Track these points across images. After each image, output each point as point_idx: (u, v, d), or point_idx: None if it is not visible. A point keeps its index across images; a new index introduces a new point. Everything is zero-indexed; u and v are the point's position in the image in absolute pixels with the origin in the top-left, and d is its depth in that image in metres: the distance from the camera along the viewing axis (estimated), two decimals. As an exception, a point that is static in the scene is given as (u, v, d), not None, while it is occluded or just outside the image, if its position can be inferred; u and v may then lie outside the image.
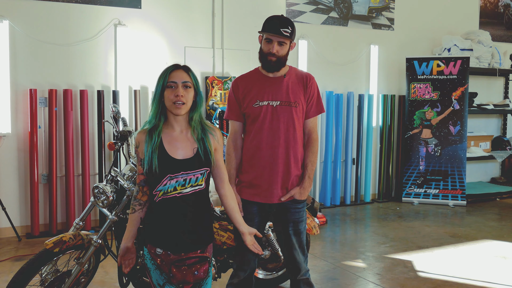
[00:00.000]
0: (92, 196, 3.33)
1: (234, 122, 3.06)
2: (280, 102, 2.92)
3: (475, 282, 4.35)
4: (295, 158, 2.98)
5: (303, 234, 3.06)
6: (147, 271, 2.44)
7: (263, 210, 3.03)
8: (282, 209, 3.01)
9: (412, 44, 7.92)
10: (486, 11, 8.72)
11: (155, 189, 2.34)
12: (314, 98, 3.00)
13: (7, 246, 5.19)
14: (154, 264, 2.39)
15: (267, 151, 2.94)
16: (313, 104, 3.00)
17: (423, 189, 7.52)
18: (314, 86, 3.02)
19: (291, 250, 3.03)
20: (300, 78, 2.99)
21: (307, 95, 2.97)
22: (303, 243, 3.07)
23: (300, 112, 2.95)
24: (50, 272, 3.22)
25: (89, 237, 3.24)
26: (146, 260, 2.43)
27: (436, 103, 7.43)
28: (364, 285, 4.30)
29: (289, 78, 2.98)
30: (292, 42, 2.94)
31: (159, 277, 2.39)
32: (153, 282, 2.42)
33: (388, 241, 5.54)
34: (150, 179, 2.37)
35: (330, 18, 7.22)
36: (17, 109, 5.48)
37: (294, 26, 2.93)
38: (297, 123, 2.95)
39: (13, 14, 5.41)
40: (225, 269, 3.76)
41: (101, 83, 5.84)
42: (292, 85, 2.95)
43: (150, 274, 2.43)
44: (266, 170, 2.96)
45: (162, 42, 6.13)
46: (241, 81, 3.03)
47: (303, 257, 3.06)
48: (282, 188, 2.97)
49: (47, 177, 5.58)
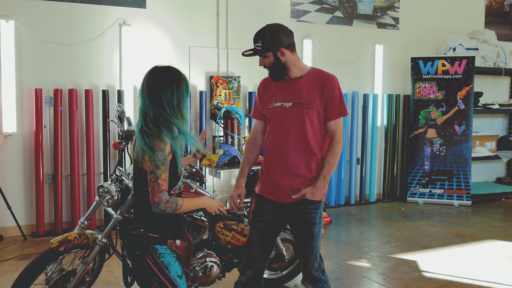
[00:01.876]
0: (97, 196, 3.34)
1: (255, 121, 3.17)
2: (292, 103, 2.92)
3: (480, 282, 4.34)
4: (307, 160, 2.92)
5: (315, 239, 2.95)
6: (164, 268, 2.48)
7: (277, 209, 3.01)
8: (294, 209, 2.96)
9: (417, 44, 7.90)
10: (492, 10, 8.69)
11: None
12: (334, 100, 2.89)
13: (13, 245, 5.21)
14: (174, 257, 2.53)
15: (278, 151, 2.96)
16: (334, 106, 2.90)
17: (428, 189, 7.50)
18: (333, 88, 2.90)
19: (302, 252, 3.00)
20: (318, 80, 2.92)
21: (325, 96, 2.89)
22: (315, 247, 2.95)
23: (314, 114, 2.88)
24: (55, 271, 3.24)
25: (94, 236, 3.25)
26: (164, 257, 2.49)
27: (441, 103, 7.41)
28: (368, 285, 4.30)
29: (306, 80, 2.93)
30: (280, 50, 2.87)
31: (179, 268, 2.53)
32: (172, 276, 2.48)
33: (393, 241, 5.53)
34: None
35: (335, 18, 7.21)
36: (22, 109, 5.50)
37: (272, 36, 2.87)
38: (309, 125, 2.89)
39: (19, 14, 5.43)
40: (230, 268, 3.76)
41: (106, 83, 5.85)
42: (308, 86, 2.92)
43: (168, 270, 2.48)
44: (277, 171, 2.97)
45: (167, 41, 6.14)
46: (264, 82, 3.11)
47: (314, 261, 2.97)
48: (292, 189, 2.93)
49: (52, 177, 5.60)
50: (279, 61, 2.89)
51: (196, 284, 3.42)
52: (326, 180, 2.89)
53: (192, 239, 3.46)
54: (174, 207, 2.42)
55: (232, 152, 5.86)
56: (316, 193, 2.87)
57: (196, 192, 3.43)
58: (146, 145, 2.36)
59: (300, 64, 2.97)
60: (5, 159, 5.46)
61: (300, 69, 2.96)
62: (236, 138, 5.98)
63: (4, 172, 5.46)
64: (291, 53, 2.92)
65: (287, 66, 2.92)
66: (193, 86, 6.29)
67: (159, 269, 2.48)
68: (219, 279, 3.56)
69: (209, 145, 6.38)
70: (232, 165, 5.94)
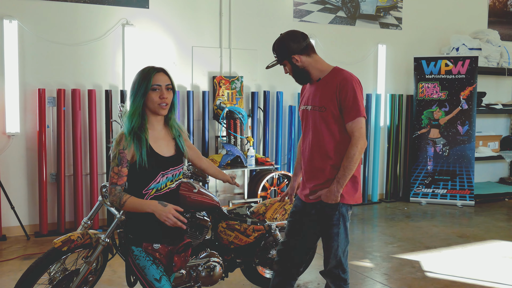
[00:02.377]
0: (100, 195, 3.35)
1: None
2: (312, 106, 2.99)
3: (483, 282, 4.33)
4: (322, 164, 2.95)
5: (334, 239, 2.97)
6: (140, 270, 2.50)
7: (304, 207, 3.10)
8: (316, 209, 3.02)
9: (420, 44, 7.89)
10: (495, 10, 8.67)
11: (147, 187, 2.49)
12: (347, 101, 2.85)
13: (16, 244, 5.22)
14: (149, 260, 2.50)
15: (303, 153, 3.10)
16: (347, 107, 2.86)
17: (431, 189, 7.49)
18: (347, 90, 2.85)
19: (324, 249, 3.05)
20: (334, 82, 2.90)
21: (338, 98, 2.87)
22: (333, 247, 2.98)
23: (329, 116, 2.89)
24: (58, 271, 3.24)
25: (97, 236, 3.25)
26: (139, 260, 2.51)
27: (444, 103, 7.40)
28: (371, 285, 4.29)
29: (324, 82, 2.95)
30: (293, 57, 2.93)
31: (156, 272, 2.49)
32: (149, 279, 2.48)
33: (396, 241, 5.52)
34: (139, 178, 2.48)
35: (338, 18, 7.21)
36: (25, 109, 5.51)
37: (282, 46, 2.95)
38: (325, 128, 2.91)
39: (22, 14, 5.45)
40: (232, 268, 3.76)
41: (109, 83, 5.86)
42: (324, 89, 2.94)
43: (144, 272, 2.50)
44: (303, 172, 3.12)
45: (170, 42, 6.15)
46: (304, 86, 3.20)
47: (333, 259, 3.00)
48: (310, 190, 3.01)
49: (55, 176, 5.61)
50: (296, 67, 2.98)
51: (199, 284, 3.42)
52: (340, 184, 2.88)
53: (195, 239, 3.46)
54: (118, 201, 2.43)
55: (234, 152, 5.86)
56: (330, 196, 2.90)
57: (199, 192, 3.44)
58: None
59: (319, 65, 2.99)
60: (9, 159, 5.47)
61: (320, 71, 2.99)
62: (239, 138, 5.98)
63: (8, 172, 5.47)
64: (308, 57, 2.97)
65: (307, 70, 2.98)
66: (195, 86, 6.29)
67: (138, 271, 2.52)
68: (222, 279, 3.56)
69: (212, 145, 6.39)
70: (235, 165, 5.94)
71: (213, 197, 3.58)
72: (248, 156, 5.96)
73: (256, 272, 3.97)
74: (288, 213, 3.87)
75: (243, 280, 4.11)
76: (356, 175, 2.97)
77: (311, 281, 4.25)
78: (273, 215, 3.83)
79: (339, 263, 3.01)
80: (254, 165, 6.02)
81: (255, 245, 3.74)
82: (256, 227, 3.71)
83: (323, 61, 3.03)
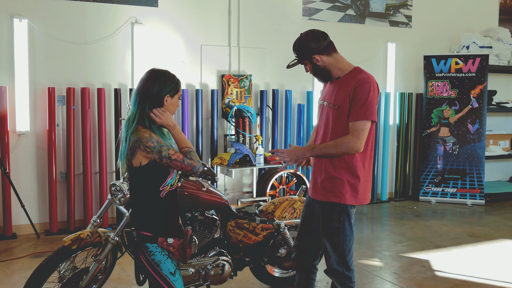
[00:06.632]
0: (109, 194, 3.36)
1: None
2: (327, 103, 3.01)
3: (494, 282, 4.30)
4: (330, 160, 2.93)
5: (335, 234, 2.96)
6: (155, 265, 2.55)
7: (311, 203, 3.12)
8: (317, 204, 3.03)
9: (430, 42, 7.84)
10: (506, 8, 8.59)
11: (163, 183, 2.56)
12: (357, 101, 2.83)
13: (26, 243, 5.25)
14: (165, 255, 2.58)
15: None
16: (355, 107, 2.84)
17: (440, 188, 7.45)
18: (361, 91, 2.83)
19: (324, 245, 3.03)
20: (352, 82, 2.90)
21: (351, 97, 2.87)
22: (333, 242, 2.96)
23: (341, 115, 2.90)
24: (68, 269, 3.26)
25: (106, 234, 3.27)
26: (155, 255, 2.56)
27: (455, 101, 7.34)
28: (381, 284, 4.28)
29: (343, 81, 2.96)
30: (313, 57, 2.95)
31: (171, 265, 2.58)
32: (164, 273, 2.55)
33: (405, 240, 5.50)
34: (156, 176, 2.54)
35: (347, 16, 7.18)
36: (35, 108, 5.54)
37: (302, 46, 2.96)
38: (334, 126, 2.92)
39: (32, 13, 5.47)
40: (241, 267, 3.76)
41: (118, 82, 5.88)
42: (341, 88, 2.94)
43: (160, 267, 2.55)
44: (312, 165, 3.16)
45: (179, 40, 6.15)
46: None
47: (335, 255, 2.98)
48: (317, 187, 3.02)
49: (65, 175, 5.64)
50: (317, 66, 3.00)
51: (208, 283, 3.43)
52: (312, 152, 2.92)
53: (204, 238, 3.47)
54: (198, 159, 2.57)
55: (243, 151, 5.86)
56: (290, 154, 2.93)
57: (207, 190, 3.44)
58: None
59: (340, 65, 3.00)
60: (19, 158, 5.50)
61: (340, 70, 3.00)
62: (248, 136, 5.98)
63: (18, 170, 5.51)
64: (328, 56, 2.98)
65: (328, 69, 3.00)
66: (204, 84, 6.29)
67: (152, 267, 2.57)
68: (230, 277, 3.56)
69: (221, 143, 6.39)
70: (244, 164, 5.93)
71: (222, 195, 3.58)
72: (256, 155, 5.95)
73: (265, 270, 3.98)
74: (297, 212, 3.88)
75: (252, 278, 4.11)
76: (357, 177, 2.93)
77: (320, 280, 4.24)
78: (282, 214, 3.83)
79: (342, 259, 2.98)
80: (263, 164, 6.01)
81: (264, 244, 3.74)
82: (265, 225, 3.70)
83: (344, 59, 3.03)
